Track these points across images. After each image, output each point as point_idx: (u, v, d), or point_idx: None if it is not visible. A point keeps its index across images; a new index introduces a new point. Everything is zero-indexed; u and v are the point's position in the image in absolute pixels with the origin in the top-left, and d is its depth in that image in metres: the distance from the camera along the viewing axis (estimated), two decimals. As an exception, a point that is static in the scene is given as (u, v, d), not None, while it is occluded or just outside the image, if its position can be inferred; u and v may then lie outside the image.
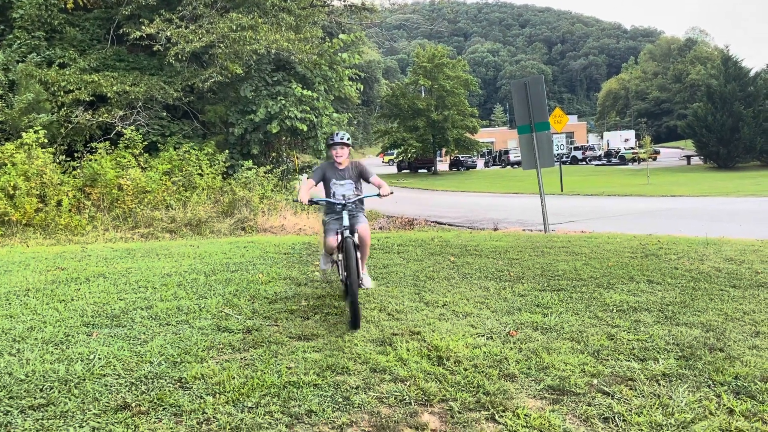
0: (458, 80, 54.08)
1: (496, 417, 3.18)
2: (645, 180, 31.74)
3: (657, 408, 3.23)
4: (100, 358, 4.08)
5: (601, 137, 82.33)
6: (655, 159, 51.67)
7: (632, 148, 56.12)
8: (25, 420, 3.19)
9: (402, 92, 54.05)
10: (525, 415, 3.17)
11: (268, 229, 13.81)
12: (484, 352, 4.10)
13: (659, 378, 3.63)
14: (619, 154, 55.12)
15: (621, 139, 71.02)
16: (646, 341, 4.28)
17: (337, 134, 5.55)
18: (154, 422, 3.15)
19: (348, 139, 5.54)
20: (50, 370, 3.86)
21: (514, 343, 4.31)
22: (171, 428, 3.09)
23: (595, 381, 3.61)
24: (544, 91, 11.70)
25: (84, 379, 3.70)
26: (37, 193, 12.66)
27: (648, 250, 8.12)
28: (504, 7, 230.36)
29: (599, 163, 55.75)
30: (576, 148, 62.33)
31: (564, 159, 53.73)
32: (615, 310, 5.09)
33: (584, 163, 56.93)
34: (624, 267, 6.89)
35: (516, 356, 4.03)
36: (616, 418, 3.14)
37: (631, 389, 3.49)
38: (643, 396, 3.39)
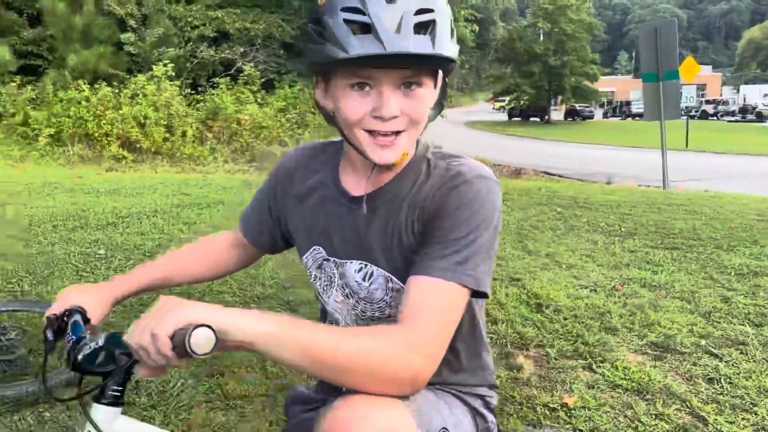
0: (581, 24, 51.06)
1: (594, 366, 3.15)
2: (783, 139, 29.00)
3: (768, 374, 3.08)
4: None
5: (737, 91, 75.55)
6: (797, 117, 46.95)
7: (772, 104, 51.24)
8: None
9: (519, 35, 51.95)
10: (624, 367, 3.12)
11: (375, 169, 14.06)
12: (586, 304, 4.04)
13: (775, 345, 3.44)
14: (756, 110, 50.46)
15: (760, 94, 64.78)
16: (764, 307, 4.03)
17: None
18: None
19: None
20: (175, 284, 4.24)
21: (619, 297, 4.20)
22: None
23: (703, 342, 3.47)
24: (676, 38, 10.87)
25: (204, 294, 4.04)
26: (165, 123, 13.55)
27: (778, 213, 7.52)
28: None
29: (732, 119, 51.35)
30: (707, 102, 57.69)
31: (692, 113, 50.02)
32: (733, 273, 4.81)
33: (715, 118, 52.69)
34: (748, 229, 6.44)
35: (620, 311, 3.93)
36: (721, 379, 3.02)
37: (741, 353, 3.33)
38: (754, 361, 3.23)
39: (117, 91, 13.65)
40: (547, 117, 53.80)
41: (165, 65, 14.06)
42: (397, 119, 1.02)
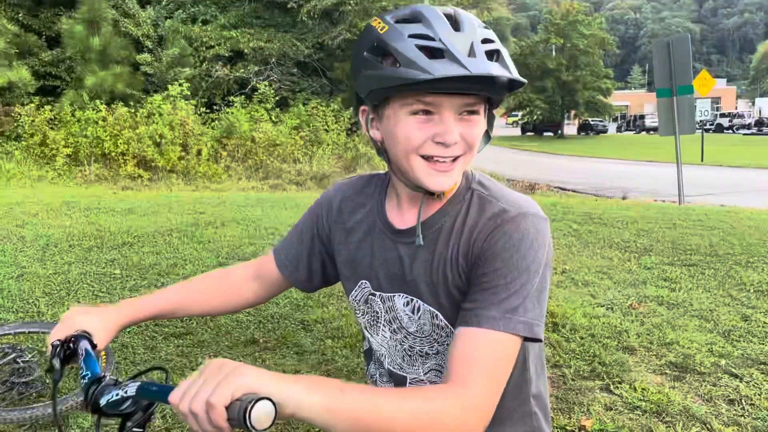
0: (593, 39, 51.05)
1: (611, 387, 3.11)
2: (801, 152, 28.66)
3: (792, 397, 3.01)
4: (232, 297, 4.43)
5: (753, 104, 74.94)
6: (815, 130, 46.41)
7: (789, 117, 50.69)
8: (167, 345, 3.55)
9: (531, 51, 52.01)
10: (642, 388, 3.07)
11: (389, 186, 14.07)
12: (603, 323, 3.99)
13: (798, 366, 3.37)
14: (773, 123, 50.00)
15: (776, 107, 64.26)
16: (785, 326, 3.96)
17: None
18: (279, 358, 3.40)
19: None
20: (189, 304, 4.25)
21: (636, 316, 4.15)
22: (294, 365, 3.31)
23: (722, 362, 3.41)
24: (690, 52, 10.82)
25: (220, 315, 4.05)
26: (180, 142, 13.68)
27: (797, 229, 7.41)
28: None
29: (748, 132, 50.86)
30: (722, 115, 57.23)
31: (707, 126, 49.63)
32: (752, 291, 4.74)
33: (731, 131, 52.25)
34: (766, 245, 6.35)
35: (637, 329, 3.89)
36: (742, 401, 2.97)
37: (762, 373, 3.27)
38: (776, 382, 3.17)
39: (133, 110, 13.83)
40: (560, 131, 53.64)
41: (180, 85, 14.25)
42: (457, 145, 1.02)
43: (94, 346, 1.11)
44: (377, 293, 1.20)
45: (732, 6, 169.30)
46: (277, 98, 15.85)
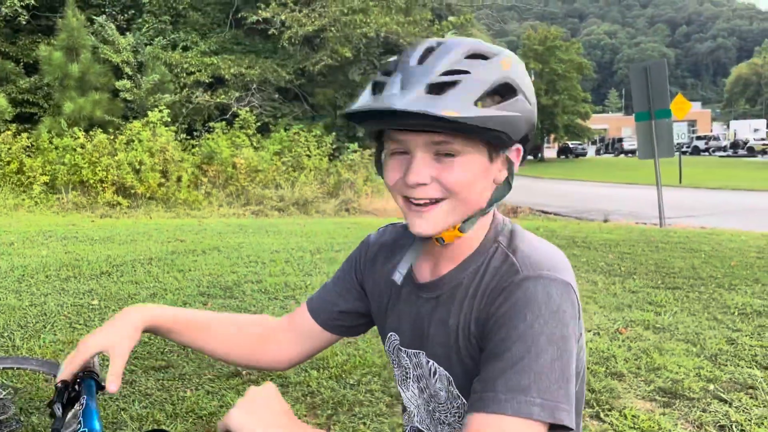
0: (571, 64, 52.05)
1: (601, 415, 3.06)
2: (775, 174, 29.22)
3: (782, 421, 2.99)
4: (213, 327, 4.33)
5: (727, 126, 76.58)
6: (788, 151, 47.41)
7: (762, 139, 51.79)
8: (148, 379, 3.44)
9: (511, 76, 52.69)
10: (633, 416, 3.03)
11: (371, 211, 14.04)
12: (590, 348, 3.96)
13: (786, 389, 3.36)
14: (748, 145, 51.03)
15: (750, 129, 65.71)
16: (771, 348, 3.96)
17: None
18: (262, 391, 3.31)
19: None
20: (170, 335, 4.14)
21: (623, 341, 4.13)
22: (277, 398, 3.23)
23: (711, 386, 3.39)
24: (666, 77, 11.02)
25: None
26: (160, 168, 13.56)
27: (777, 250, 7.49)
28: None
29: (724, 154, 51.89)
30: (698, 138, 58.36)
31: (684, 149, 50.54)
32: (737, 313, 4.75)
33: (707, 153, 53.24)
34: (749, 267, 6.40)
35: (625, 354, 3.85)
36: (733, 426, 2.94)
37: (751, 398, 3.25)
38: (764, 405, 3.15)
39: (112, 137, 13.71)
40: (540, 155, 54.28)
41: (160, 111, 14.17)
42: (427, 187, 0.94)
43: (100, 389, 1.03)
44: (404, 348, 1.12)
45: (704, 31, 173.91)
46: (258, 124, 15.83)
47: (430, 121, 0.87)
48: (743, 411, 3.10)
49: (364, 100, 0.93)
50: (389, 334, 1.15)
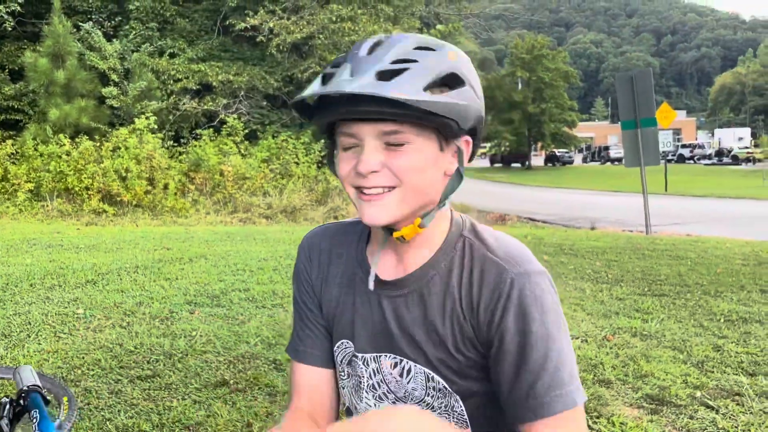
0: (558, 72, 52.46)
1: (590, 423, 3.07)
2: (761, 182, 29.54)
3: (767, 426, 3.01)
4: (201, 336, 4.29)
5: (712, 135, 77.45)
6: (771, 159, 48.00)
7: (746, 148, 52.41)
8: (133, 389, 3.40)
9: (498, 84, 53.09)
10: (621, 423, 3.04)
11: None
12: (579, 355, 3.97)
13: (771, 396, 3.38)
14: (732, 153, 51.63)
15: (734, 138, 66.50)
16: (756, 355, 3.99)
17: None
18: (250, 400, 3.28)
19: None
20: (156, 344, 4.10)
21: (611, 348, 4.14)
22: (266, 407, 3.20)
23: (698, 393, 3.40)
24: (652, 85, 11.14)
25: (186, 355, 3.90)
26: (147, 176, 13.47)
27: (762, 257, 7.57)
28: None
29: (709, 162, 52.43)
30: (683, 146, 58.95)
31: (670, 157, 51.03)
32: (723, 320, 4.78)
33: (692, 161, 53.77)
34: (734, 274, 6.46)
35: (612, 362, 3.87)
36: (721, 434, 2.95)
37: (738, 404, 3.26)
38: (751, 413, 3.16)
39: (98, 144, 13.60)
40: (528, 163, 54.56)
41: (147, 118, 14.08)
42: (378, 174, 0.95)
43: (47, 402, 1.02)
44: (359, 354, 1.08)
45: (689, 41, 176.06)
46: (246, 131, 15.78)
47: (379, 106, 0.89)
48: (730, 418, 3.11)
49: (314, 88, 0.93)
50: (340, 342, 1.11)
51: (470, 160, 1.05)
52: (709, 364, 3.83)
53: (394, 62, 0.91)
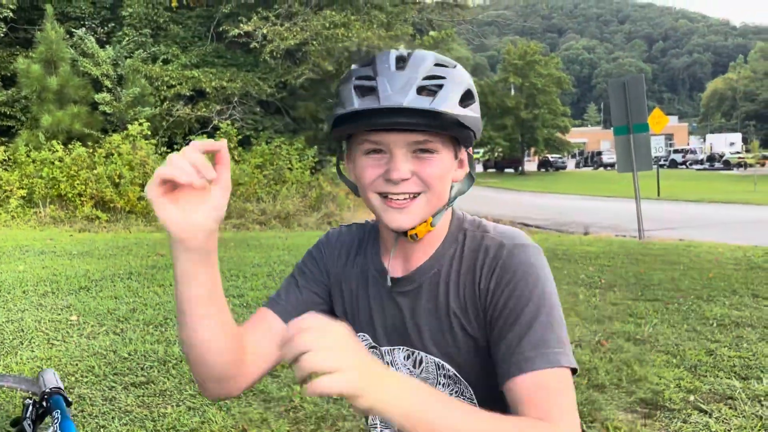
0: (550, 78, 52.66)
1: (584, 428, 3.07)
2: (752, 187, 29.71)
3: (759, 430, 3.03)
4: (194, 342, 4.28)
5: (704, 140, 77.92)
6: (763, 165, 48.27)
7: (738, 153, 52.72)
8: (128, 396, 3.39)
9: (491, 90, 53.24)
10: (615, 427, 3.05)
11: (353, 224, 14.02)
12: (572, 360, 3.98)
13: (762, 398, 3.40)
14: (724, 158, 51.91)
15: (726, 143, 66.89)
16: (749, 359, 4.02)
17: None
18: (245, 406, 3.28)
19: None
20: (150, 351, 4.09)
21: (604, 353, 4.16)
22: (261, 413, 3.19)
23: (691, 397, 3.42)
24: (644, 91, 11.21)
25: (181, 361, 3.89)
26: (140, 182, 13.42)
27: (753, 262, 7.61)
28: (602, 2, 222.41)
29: (701, 167, 52.69)
30: (675, 151, 59.26)
31: (662, 162, 51.28)
32: (715, 325, 4.81)
33: (684, 167, 54.05)
34: (726, 279, 6.49)
35: (606, 366, 3.88)
36: (714, 438, 2.97)
37: (730, 408, 3.28)
38: (744, 416, 3.19)
39: (91, 150, 13.55)
40: (521, 168, 54.68)
41: (140, 124, 14.03)
42: (408, 181, 1.01)
43: (68, 404, 1.03)
44: (378, 347, 1.14)
45: (680, 47, 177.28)
46: (239, 137, 15.76)
47: (420, 118, 0.96)
48: (723, 421, 3.13)
49: (359, 102, 0.97)
50: (358, 336, 1.14)
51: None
52: (702, 369, 3.85)
53: (426, 78, 0.98)
